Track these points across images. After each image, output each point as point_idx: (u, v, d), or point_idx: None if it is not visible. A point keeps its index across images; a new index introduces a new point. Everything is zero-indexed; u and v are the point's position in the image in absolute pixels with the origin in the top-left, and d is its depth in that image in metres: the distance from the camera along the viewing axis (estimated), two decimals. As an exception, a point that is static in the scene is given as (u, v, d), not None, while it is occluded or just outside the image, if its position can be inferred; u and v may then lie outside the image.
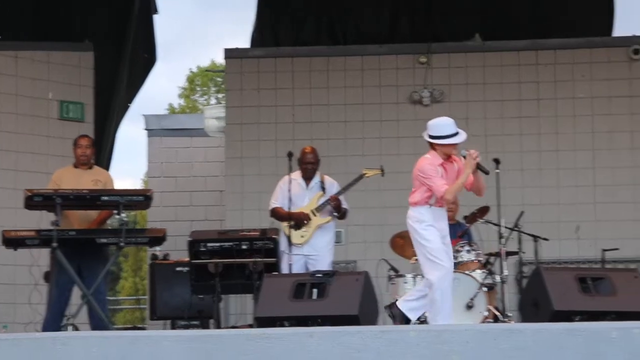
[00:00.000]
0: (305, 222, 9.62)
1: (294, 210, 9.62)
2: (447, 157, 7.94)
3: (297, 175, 9.86)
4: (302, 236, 9.58)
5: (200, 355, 5.49)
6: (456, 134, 7.91)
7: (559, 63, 13.17)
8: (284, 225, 9.66)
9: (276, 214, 9.82)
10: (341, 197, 9.76)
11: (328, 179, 9.90)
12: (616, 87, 13.07)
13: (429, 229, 7.85)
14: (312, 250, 9.60)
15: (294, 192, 9.67)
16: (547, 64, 13.18)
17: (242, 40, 54.77)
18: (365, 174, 9.99)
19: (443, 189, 7.78)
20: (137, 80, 13.72)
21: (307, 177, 9.82)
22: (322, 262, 9.61)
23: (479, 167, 7.88)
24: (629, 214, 12.84)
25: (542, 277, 8.12)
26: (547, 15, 13.52)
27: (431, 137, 7.95)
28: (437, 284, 7.72)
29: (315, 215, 9.69)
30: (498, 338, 5.31)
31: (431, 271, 7.76)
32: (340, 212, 9.79)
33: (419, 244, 7.86)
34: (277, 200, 9.82)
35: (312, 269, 9.45)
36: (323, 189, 9.77)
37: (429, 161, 7.90)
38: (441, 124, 7.95)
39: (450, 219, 10.56)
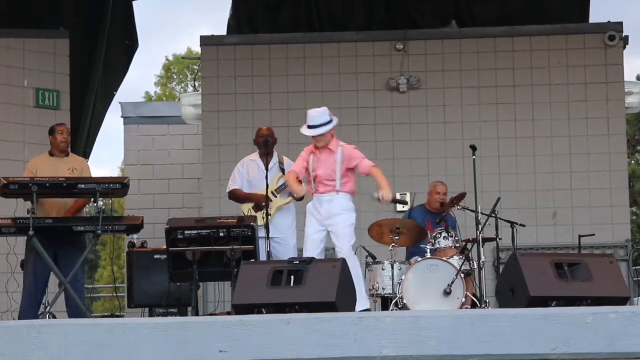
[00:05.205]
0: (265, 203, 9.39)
1: (254, 192, 9.54)
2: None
3: (255, 156, 9.75)
4: (263, 218, 9.33)
5: (177, 343, 5.48)
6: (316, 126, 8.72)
7: (535, 50, 13.20)
8: (244, 208, 9.59)
9: (235, 196, 9.73)
10: None
11: (287, 160, 9.71)
12: (592, 73, 13.11)
13: None
14: (275, 233, 9.42)
15: (252, 174, 9.61)
16: (524, 50, 13.21)
17: (218, 27, 54.73)
18: None
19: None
20: (119, 67, 13.66)
21: (266, 154, 9.50)
22: (287, 244, 9.52)
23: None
24: (605, 200, 12.90)
25: (518, 263, 8.13)
26: (523, 1, 13.56)
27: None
28: None
29: (275, 196, 9.57)
30: (474, 324, 5.32)
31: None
32: None
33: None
34: (236, 183, 9.71)
35: (275, 252, 9.42)
36: (282, 170, 9.61)
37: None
38: (309, 114, 8.76)
39: (436, 209, 10.53)
